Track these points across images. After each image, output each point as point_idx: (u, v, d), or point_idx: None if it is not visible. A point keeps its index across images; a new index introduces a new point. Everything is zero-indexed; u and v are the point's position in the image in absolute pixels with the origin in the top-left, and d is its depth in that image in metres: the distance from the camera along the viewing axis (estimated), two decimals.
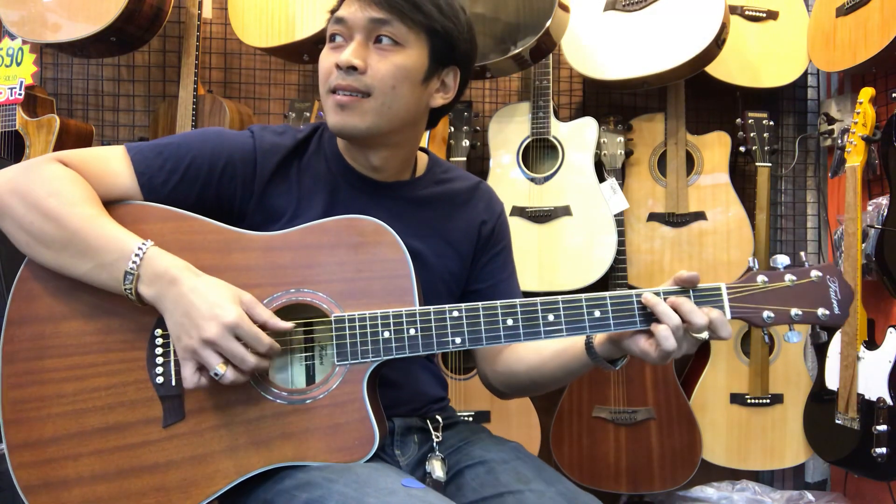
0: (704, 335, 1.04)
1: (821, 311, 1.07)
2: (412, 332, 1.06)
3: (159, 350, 1.07)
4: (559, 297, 1.07)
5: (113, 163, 1.13)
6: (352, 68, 1.11)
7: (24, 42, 2.21)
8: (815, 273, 1.08)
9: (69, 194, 1.06)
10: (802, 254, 1.13)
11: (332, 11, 1.18)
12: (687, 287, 1.07)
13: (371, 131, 1.16)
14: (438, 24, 1.15)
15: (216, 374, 0.99)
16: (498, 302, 1.07)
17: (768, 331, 1.11)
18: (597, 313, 1.06)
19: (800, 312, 1.06)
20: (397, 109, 1.16)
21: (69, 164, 1.11)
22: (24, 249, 1.08)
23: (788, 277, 1.07)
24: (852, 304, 1.10)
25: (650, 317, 1.05)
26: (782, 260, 1.09)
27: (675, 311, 1.04)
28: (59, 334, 1.08)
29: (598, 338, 1.14)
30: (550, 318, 1.06)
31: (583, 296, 1.07)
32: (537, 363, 1.26)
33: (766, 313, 1.06)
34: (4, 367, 1.08)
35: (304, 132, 1.26)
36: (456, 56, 1.21)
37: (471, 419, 2.25)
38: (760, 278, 1.08)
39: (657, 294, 1.06)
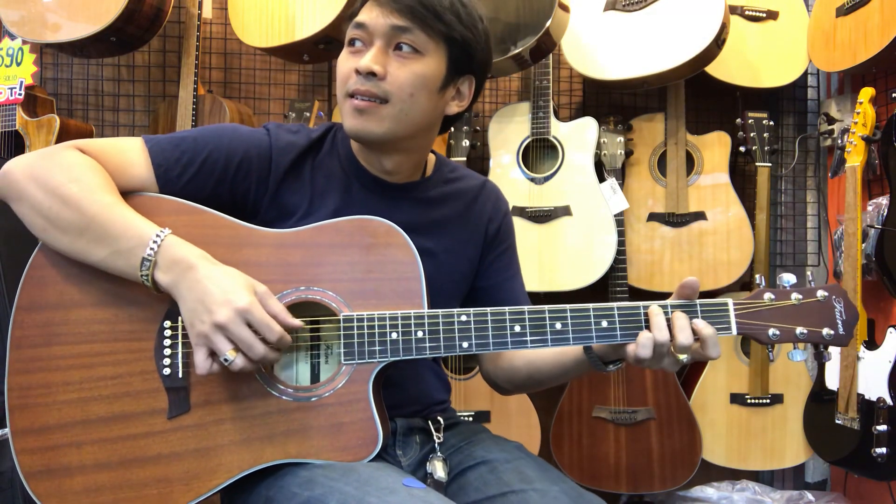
0: (685, 358, 1.06)
1: (825, 331, 1.08)
2: (420, 334, 1.07)
3: (167, 341, 1.08)
4: (567, 306, 1.08)
5: (130, 154, 1.14)
6: (371, 74, 1.12)
7: (24, 42, 2.20)
8: (821, 293, 1.09)
9: (88, 181, 1.06)
10: (809, 273, 1.14)
11: (352, 16, 1.18)
12: (686, 296, 1.08)
13: (387, 137, 1.16)
14: (458, 33, 1.16)
15: (226, 360, 0.99)
16: (506, 308, 1.08)
17: (773, 348, 1.13)
18: (604, 323, 1.08)
19: (805, 331, 1.08)
20: (414, 116, 1.16)
21: (87, 153, 1.11)
22: (40, 235, 1.09)
23: (795, 296, 1.09)
24: (857, 325, 1.12)
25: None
26: (788, 278, 1.11)
27: (669, 325, 1.05)
28: (69, 322, 1.08)
29: None
30: (558, 326, 1.07)
31: (591, 305, 1.08)
32: (537, 362, 1.27)
33: (771, 331, 1.08)
34: (12, 353, 1.08)
35: (318, 132, 1.26)
36: (473, 65, 1.22)
37: (471, 419, 2.25)
38: (767, 296, 1.09)
39: (664, 307, 1.07)
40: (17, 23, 2.15)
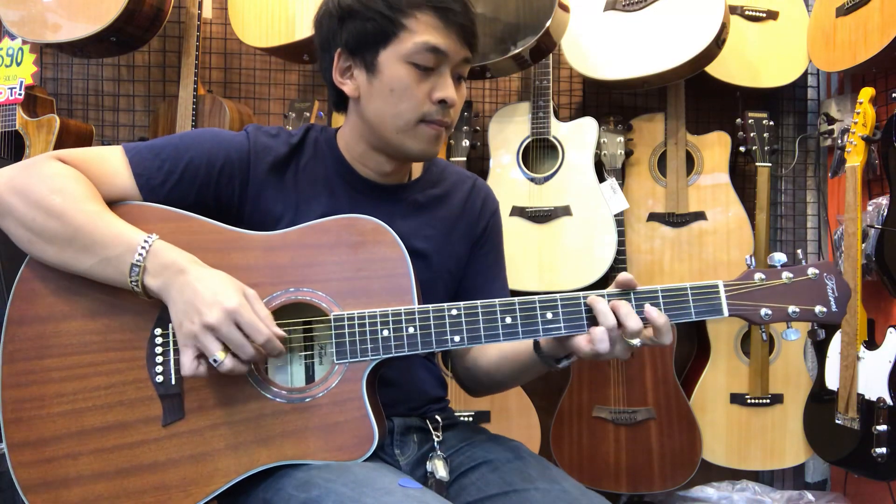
0: (636, 342, 1.04)
1: (818, 309, 1.07)
2: (411, 330, 1.07)
3: (159, 349, 1.08)
4: (557, 295, 1.07)
5: (112, 163, 1.14)
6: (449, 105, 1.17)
7: (24, 42, 2.21)
8: (812, 270, 1.08)
9: (72, 191, 1.06)
10: (800, 251, 1.13)
11: (388, 17, 1.14)
12: (626, 290, 1.06)
13: None
14: None
15: (215, 361, 0.99)
16: (496, 300, 1.08)
17: (766, 328, 1.11)
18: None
19: (797, 310, 1.07)
20: None
21: (69, 163, 1.11)
22: (26, 247, 1.08)
23: (786, 275, 1.08)
24: (850, 301, 1.10)
25: (594, 319, 1.05)
26: (779, 258, 1.09)
27: (614, 312, 1.04)
28: (60, 333, 1.08)
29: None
30: (549, 315, 1.07)
31: (580, 293, 1.07)
32: (496, 362, 1.27)
33: (763, 311, 1.06)
34: (5, 367, 1.08)
35: (298, 136, 1.26)
36: None
37: (471, 419, 2.25)
38: (758, 276, 1.08)
39: (602, 297, 1.06)
40: (17, 23, 2.16)
